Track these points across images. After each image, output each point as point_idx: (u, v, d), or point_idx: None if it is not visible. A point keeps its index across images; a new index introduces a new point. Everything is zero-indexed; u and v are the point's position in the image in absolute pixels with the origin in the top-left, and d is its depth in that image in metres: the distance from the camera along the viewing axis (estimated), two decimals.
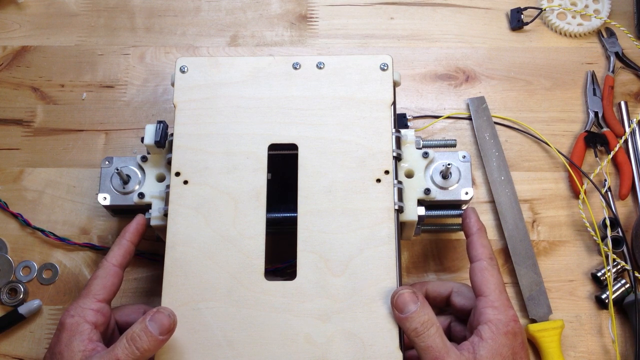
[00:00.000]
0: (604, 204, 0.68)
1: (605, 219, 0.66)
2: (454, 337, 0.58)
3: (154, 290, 0.66)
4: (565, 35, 0.77)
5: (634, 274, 0.65)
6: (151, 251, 0.67)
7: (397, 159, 0.59)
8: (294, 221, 0.57)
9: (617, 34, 0.77)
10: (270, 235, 0.58)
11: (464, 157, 0.62)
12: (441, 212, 0.63)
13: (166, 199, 0.59)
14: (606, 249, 0.65)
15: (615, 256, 0.65)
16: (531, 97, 0.74)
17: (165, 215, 0.58)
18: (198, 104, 0.61)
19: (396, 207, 0.57)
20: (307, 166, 0.58)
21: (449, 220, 0.67)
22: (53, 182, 0.71)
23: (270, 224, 0.58)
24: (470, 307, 0.56)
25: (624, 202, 0.69)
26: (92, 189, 0.70)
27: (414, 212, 0.59)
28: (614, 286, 0.64)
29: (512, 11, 0.78)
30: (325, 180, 0.58)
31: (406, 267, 0.67)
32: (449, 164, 0.60)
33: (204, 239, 0.56)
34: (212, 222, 0.57)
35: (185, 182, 0.58)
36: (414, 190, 0.60)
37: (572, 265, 0.67)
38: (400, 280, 0.56)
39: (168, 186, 0.59)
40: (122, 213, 0.65)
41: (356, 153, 0.59)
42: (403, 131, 0.62)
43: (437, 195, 0.61)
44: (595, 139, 0.71)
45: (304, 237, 0.56)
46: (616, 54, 0.75)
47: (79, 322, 0.53)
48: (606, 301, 0.64)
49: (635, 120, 0.72)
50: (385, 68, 0.61)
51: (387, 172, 0.58)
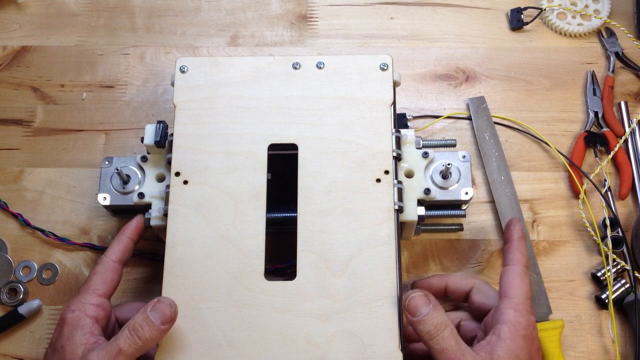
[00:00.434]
0: (604, 204, 0.68)
1: (605, 219, 0.66)
2: (463, 336, 0.57)
3: (154, 290, 0.66)
4: (565, 35, 0.77)
5: (634, 274, 0.65)
6: (151, 251, 0.67)
7: (397, 159, 0.59)
8: (294, 221, 0.57)
9: (617, 34, 0.77)
10: (270, 235, 0.58)
11: (464, 157, 0.62)
12: (441, 212, 0.63)
13: (166, 199, 0.59)
14: (606, 249, 0.65)
15: (615, 256, 0.65)
16: (531, 97, 0.74)
17: (165, 215, 0.58)
18: (198, 104, 0.61)
19: (396, 207, 0.57)
20: (307, 166, 0.58)
21: (449, 220, 0.67)
22: (53, 182, 0.71)
23: (270, 224, 0.58)
24: (488, 307, 0.56)
25: (624, 202, 0.69)
26: (92, 189, 0.70)
27: (414, 212, 0.59)
28: (614, 286, 0.64)
29: (512, 11, 0.78)
30: (325, 180, 0.58)
31: (406, 267, 0.67)
32: (449, 164, 0.60)
33: (204, 239, 0.56)
34: (212, 222, 0.57)
35: (185, 182, 0.58)
36: (413, 190, 0.60)
37: (572, 265, 0.67)
38: (400, 280, 0.56)
39: (168, 186, 0.59)
40: (122, 213, 0.65)
41: (356, 153, 0.59)
42: (403, 131, 0.62)
43: (437, 195, 0.61)
44: (595, 139, 0.71)
45: (304, 237, 0.56)
46: (616, 54, 0.75)
47: (80, 317, 0.53)
48: (606, 301, 0.64)
49: (635, 120, 0.72)
50: (385, 68, 0.61)
51: (387, 172, 0.58)
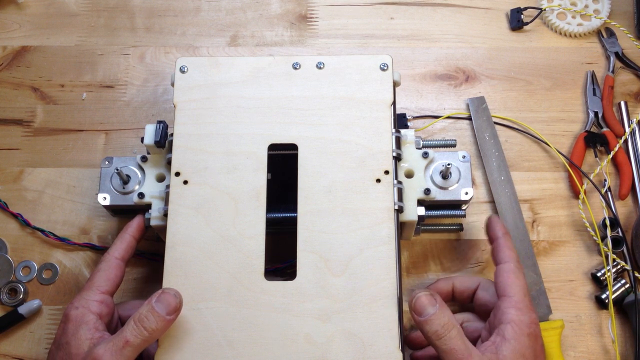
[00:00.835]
0: (604, 204, 0.68)
1: (605, 219, 0.66)
2: (467, 337, 0.56)
3: (153, 290, 0.65)
4: (565, 35, 0.77)
5: (634, 274, 0.65)
6: (151, 251, 0.67)
7: (397, 159, 0.59)
8: (294, 221, 0.57)
9: (617, 34, 0.77)
10: (270, 235, 0.58)
11: (463, 157, 0.62)
12: (441, 212, 0.63)
13: (166, 199, 0.59)
14: (606, 249, 0.65)
15: (615, 256, 0.65)
16: (531, 97, 0.74)
17: (165, 215, 0.58)
18: (198, 104, 0.61)
19: (396, 207, 0.57)
20: (307, 166, 0.58)
21: (449, 220, 0.67)
22: (53, 182, 0.71)
23: (270, 224, 0.58)
24: (492, 305, 0.56)
25: (624, 202, 0.69)
26: (92, 189, 0.70)
27: (414, 212, 0.59)
28: (613, 286, 0.64)
29: (512, 11, 0.78)
30: (325, 180, 0.58)
31: (406, 267, 0.67)
32: (448, 164, 0.60)
33: (204, 239, 0.56)
34: (212, 222, 0.57)
35: (185, 182, 0.58)
36: (413, 190, 0.60)
37: (572, 265, 0.67)
38: (400, 281, 0.56)
39: (168, 186, 0.59)
40: (122, 213, 0.65)
41: (356, 153, 0.59)
42: (403, 131, 0.62)
43: (437, 195, 0.61)
44: (595, 139, 0.71)
45: (304, 237, 0.56)
46: (616, 54, 0.75)
47: (84, 313, 0.54)
48: (606, 301, 0.64)
49: (635, 120, 0.72)
50: (385, 68, 0.61)
51: (387, 172, 0.58)
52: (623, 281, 0.65)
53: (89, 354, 0.51)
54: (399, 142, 0.60)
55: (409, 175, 0.61)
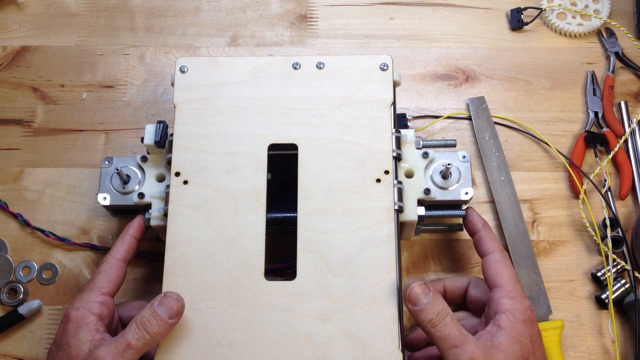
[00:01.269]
0: (604, 204, 0.68)
1: (605, 219, 0.66)
2: None
3: (153, 290, 0.66)
4: (565, 35, 0.77)
5: (634, 274, 0.65)
6: (151, 251, 0.67)
7: (397, 159, 0.59)
8: (294, 221, 0.57)
9: (617, 34, 0.77)
10: (270, 235, 0.58)
11: (464, 157, 0.62)
12: (441, 212, 0.63)
13: (166, 199, 0.59)
14: (606, 249, 0.65)
15: (615, 256, 0.65)
16: (531, 97, 0.74)
17: (165, 215, 0.58)
18: (198, 104, 0.61)
19: (396, 207, 0.57)
20: (307, 166, 0.58)
21: (448, 220, 0.67)
22: (53, 182, 0.71)
23: (270, 224, 0.58)
24: (485, 300, 0.57)
25: (624, 202, 0.69)
26: (92, 189, 0.70)
27: (414, 212, 0.59)
28: (614, 286, 0.64)
29: (512, 11, 0.78)
30: (325, 180, 0.58)
31: (406, 267, 0.67)
32: (448, 164, 0.60)
33: (204, 239, 0.56)
34: (212, 222, 0.57)
35: (185, 182, 0.58)
36: (413, 190, 0.60)
37: (572, 265, 0.67)
38: (400, 281, 0.56)
39: (168, 186, 0.59)
40: (122, 213, 0.65)
41: (356, 153, 0.59)
42: (403, 131, 0.62)
43: (437, 195, 0.61)
44: (595, 139, 0.71)
45: (304, 237, 0.56)
46: (616, 54, 0.75)
47: (85, 314, 0.54)
48: (606, 301, 0.64)
49: (635, 120, 0.72)
50: (385, 68, 0.61)
51: (387, 172, 0.58)
52: (623, 281, 0.65)
53: (89, 355, 0.51)
54: (399, 142, 0.60)
55: (409, 175, 0.61)
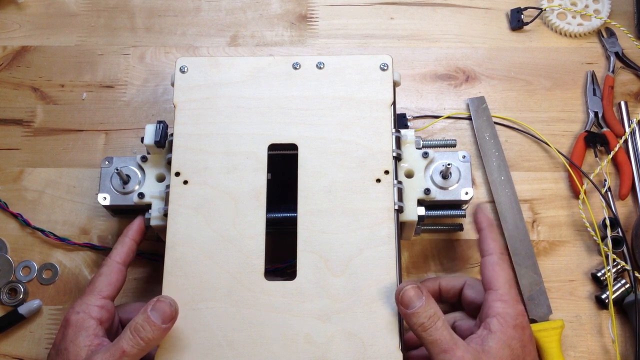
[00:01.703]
0: (604, 204, 0.68)
1: (605, 219, 0.66)
2: (459, 334, 0.57)
3: (154, 290, 0.66)
4: (565, 35, 0.77)
5: (634, 274, 0.65)
6: (151, 251, 0.67)
7: (397, 159, 0.59)
8: (294, 221, 0.57)
9: (617, 34, 0.77)
10: (270, 235, 0.58)
11: (464, 157, 0.62)
12: (441, 212, 0.63)
13: (166, 199, 0.59)
14: (606, 249, 0.65)
15: (615, 256, 0.65)
16: (531, 97, 0.74)
17: (165, 215, 0.58)
18: (198, 104, 0.61)
19: (396, 207, 0.57)
20: (307, 166, 0.58)
21: (449, 220, 0.67)
22: (53, 182, 0.71)
23: (270, 224, 0.58)
24: (480, 301, 0.57)
25: (624, 202, 0.69)
26: (92, 189, 0.70)
27: (414, 212, 0.59)
28: (614, 286, 0.64)
29: (512, 11, 0.78)
30: (325, 180, 0.58)
31: (406, 267, 0.67)
32: (449, 164, 0.60)
33: (204, 239, 0.56)
34: (212, 222, 0.57)
35: (185, 182, 0.58)
36: (414, 190, 0.60)
37: (572, 265, 0.67)
38: (400, 281, 0.56)
39: (168, 186, 0.59)
40: (122, 213, 0.65)
41: (356, 153, 0.59)
42: (403, 131, 0.62)
43: (437, 195, 0.61)
44: (595, 139, 0.71)
45: (304, 237, 0.56)
46: (616, 54, 0.75)
47: (84, 319, 0.54)
48: (606, 301, 0.64)
49: (635, 120, 0.72)
50: (385, 68, 0.61)
51: (387, 172, 0.58)
52: (623, 281, 0.65)
53: None
54: (399, 142, 0.60)
55: (409, 175, 0.61)
